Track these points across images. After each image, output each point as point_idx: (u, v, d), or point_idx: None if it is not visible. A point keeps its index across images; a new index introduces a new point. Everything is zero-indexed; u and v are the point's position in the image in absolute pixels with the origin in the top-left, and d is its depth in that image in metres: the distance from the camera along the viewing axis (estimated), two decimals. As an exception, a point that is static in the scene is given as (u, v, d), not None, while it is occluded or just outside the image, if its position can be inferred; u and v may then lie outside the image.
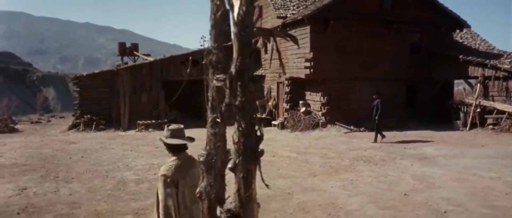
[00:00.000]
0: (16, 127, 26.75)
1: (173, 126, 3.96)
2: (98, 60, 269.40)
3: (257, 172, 2.24)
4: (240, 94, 1.89)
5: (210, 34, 2.02)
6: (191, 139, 3.92)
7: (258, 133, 2.06)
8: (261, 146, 2.14)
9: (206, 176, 2.07)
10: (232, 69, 1.91)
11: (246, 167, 1.93)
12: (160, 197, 3.65)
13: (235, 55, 1.92)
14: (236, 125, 1.89)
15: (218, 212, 2.00)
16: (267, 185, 2.50)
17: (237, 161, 1.97)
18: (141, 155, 13.76)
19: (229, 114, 2.00)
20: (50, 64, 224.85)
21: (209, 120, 2.11)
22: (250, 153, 1.95)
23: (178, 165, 3.72)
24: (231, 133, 2.18)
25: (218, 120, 2.01)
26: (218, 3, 1.96)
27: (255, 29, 1.93)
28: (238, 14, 1.86)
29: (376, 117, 14.99)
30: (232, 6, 1.92)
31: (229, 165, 2.05)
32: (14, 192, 9.14)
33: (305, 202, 7.68)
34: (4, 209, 7.90)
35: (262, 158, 2.09)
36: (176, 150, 3.85)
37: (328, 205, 7.45)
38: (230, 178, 2.36)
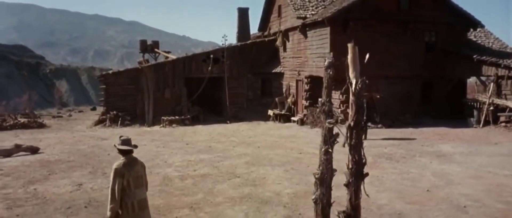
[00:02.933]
0: (43, 122, 27.62)
1: (124, 137, 5.61)
2: (107, 52, 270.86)
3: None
4: (355, 137, 2.83)
5: (324, 92, 2.95)
6: (135, 146, 5.60)
7: (363, 160, 3.00)
8: (284, 142, 3.13)
9: (320, 187, 3.03)
10: (351, 122, 2.85)
11: (356, 184, 2.87)
12: (110, 183, 5.34)
13: (352, 113, 2.85)
14: (350, 157, 2.82)
15: (336, 213, 2.95)
16: (367, 195, 3.41)
17: (350, 180, 2.92)
18: (175, 151, 14.60)
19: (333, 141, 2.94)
20: (60, 56, 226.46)
21: (322, 150, 3.06)
22: (359, 175, 2.89)
23: (125, 163, 5.40)
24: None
25: (330, 150, 2.95)
26: (330, 73, 2.89)
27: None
28: (355, 88, 2.79)
29: (365, 117, 15.86)
30: (351, 83, 2.85)
31: (344, 183, 3.00)
32: (72, 188, 10.13)
33: (339, 197, 8.59)
34: (72, 203, 8.88)
35: (290, 155, 2.96)
36: (124, 153, 5.47)
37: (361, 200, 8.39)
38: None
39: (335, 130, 3.41)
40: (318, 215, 3.10)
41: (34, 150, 15.19)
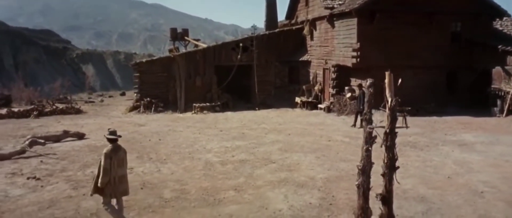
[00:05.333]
0: (80, 108, 28.64)
1: (111, 129, 7.51)
2: (131, 35, 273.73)
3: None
4: (390, 140, 3.78)
5: (366, 105, 3.91)
6: (119, 136, 7.49)
7: (396, 157, 3.96)
8: (313, 129, 4.09)
9: (362, 176, 4.01)
10: (387, 129, 3.80)
11: (390, 174, 3.84)
12: (102, 163, 7.14)
13: (387, 122, 3.81)
14: (385, 154, 3.78)
15: (374, 195, 3.93)
16: (398, 182, 4.37)
17: (385, 171, 3.89)
18: (211, 138, 15.60)
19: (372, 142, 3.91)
20: (85, 40, 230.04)
21: (364, 148, 4.03)
22: (392, 167, 3.85)
23: (112, 148, 7.26)
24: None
25: (370, 148, 3.91)
26: (371, 91, 3.85)
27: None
28: (391, 105, 3.72)
29: (361, 106, 16.71)
30: (388, 101, 3.79)
31: (381, 173, 3.97)
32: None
33: (376, 183, 9.58)
34: (129, 185, 10.04)
35: (320, 142, 3.85)
36: (111, 141, 7.35)
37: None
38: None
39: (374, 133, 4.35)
40: (360, 197, 4.12)
41: (80, 136, 16.31)
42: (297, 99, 24.36)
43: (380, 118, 19.47)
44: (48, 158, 12.74)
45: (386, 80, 4.29)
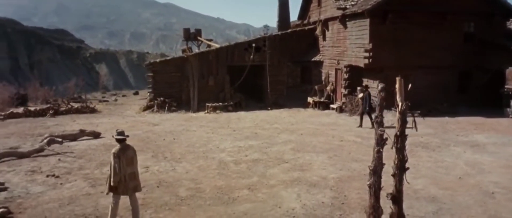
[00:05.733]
0: (95, 107, 29.05)
1: (119, 130, 7.82)
2: (143, 35, 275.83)
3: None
4: (400, 142, 3.97)
5: (377, 109, 4.09)
6: (127, 136, 7.77)
7: (406, 158, 4.15)
8: (325, 129, 4.25)
9: (373, 176, 4.20)
10: (397, 132, 3.99)
11: (400, 175, 4.03)
12: (112, 163, 7.51)
13: (398, 125, 3.99)
14: (396, 156, 3.96)
15: (384, 195, 4.12)
16: (408, 183, 4.55)
17: (396, 172, 4.08)
18: (224, 137, 15.85)
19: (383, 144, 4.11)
20: (98, 39, 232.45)
21: (375, 149, 4.22)
22: (402, 168, 4.03)
23: (120, 148, 7.54)
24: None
25: (381, 150, 4.10)
26: (383, 95, 4.03)
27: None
28: (401, 109, 3.91)
29: (367, 107, 17.45)
30: (398, 105, 3.97)
31: (392, 173, 4.16)
32: (141, 170, 11.28)
33: (387, 183, 9.73)
34: (145, 183, 10.18)
35: (332, 142, 4.01)
36: (120, 141, 7.63)
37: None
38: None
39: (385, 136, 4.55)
40: (372, 196, 4.33)
41: (96, 135, 16.72)
42: (309, 99, 24.51)
43: (392, 118, 19.66)
44: (66, 156, 13.13)
45: (397, 85, 4.48)
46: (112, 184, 7.55)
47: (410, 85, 5.23)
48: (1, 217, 8.22)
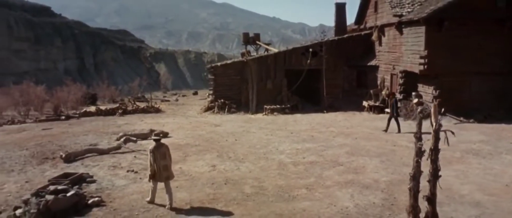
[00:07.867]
0: (159, 107, 30.85)
1: (156, 132, 12.52)
2: (200, 34, 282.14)
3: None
4: (434, 155, 5.00)
5: (416, 127, 5.15)
6: (162, 137, 10.78)
7: (439, 168, 5.16)
8: (379, 134, 5.23)
9: (413, 181, 5.25)
10: (431, 146, 5.02)
11: (434, 181, 5.05)
12: (149, 158, 9.69)
13: (433, 141, 5.02)
14: (431, 165, 5.00)
15: (421, 197, 5.17)
16: (441, 187, 5.53)
17: (430, 178, 5.11)
18: (282, 139, 16.89)
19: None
20: (156, 39, 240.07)
21: (415, 160, 5.26)
22: (435, 176, 5.06)
23: (155, 146, 9.63)
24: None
25: (419, 161, 5.14)
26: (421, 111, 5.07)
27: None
28: (435, 128, 4.93)
29: (394, 113, 18.33)
30: (433, 124, 5.01)
31: (427, 180, 5.19)
32: (208, 168, 12.76)
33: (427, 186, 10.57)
34: (213, 180, 11.53)
35: (385, 147, 5.04)
36: (156, 140, 9.76)
37: (445, 190, 10.14)
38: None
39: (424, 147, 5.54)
40: (411, 197, 5.40)
41: (164, 134, 18.22)
42: (365, 103, 25.17)
43: (446, 123, 20.01)
44: (140, 154, 14.62)
45: (432, 110, 5.47)
46: (150, 173, 9.73)
47: (443, 110, 6.16)
48: (96, 204, 9.82)
